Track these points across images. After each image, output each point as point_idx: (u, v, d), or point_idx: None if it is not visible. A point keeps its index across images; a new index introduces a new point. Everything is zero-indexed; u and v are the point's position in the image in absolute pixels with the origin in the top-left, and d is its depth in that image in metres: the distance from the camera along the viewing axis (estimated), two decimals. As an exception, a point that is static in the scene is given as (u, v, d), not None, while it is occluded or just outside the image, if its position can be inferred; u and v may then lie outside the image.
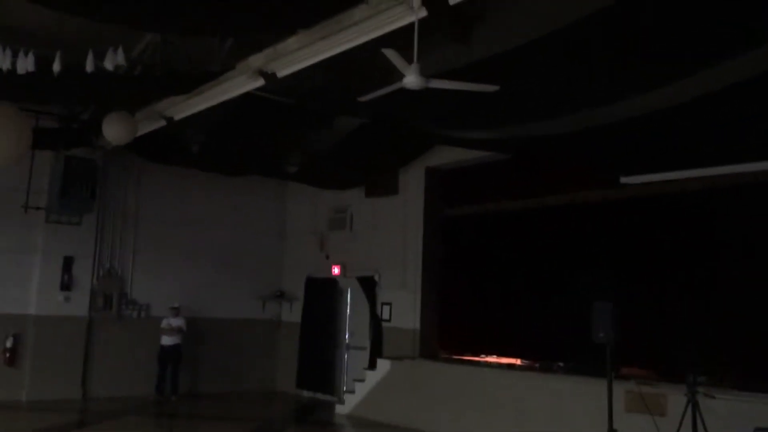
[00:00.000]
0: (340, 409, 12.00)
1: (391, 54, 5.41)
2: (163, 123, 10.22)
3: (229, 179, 13.87)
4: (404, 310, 12.18)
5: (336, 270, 13.79)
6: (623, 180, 9.25)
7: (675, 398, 7.25)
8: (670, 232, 9.23)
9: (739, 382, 7.33)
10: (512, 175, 11.11)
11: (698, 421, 5.97)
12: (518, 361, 10.90)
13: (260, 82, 8.05)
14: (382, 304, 12.71)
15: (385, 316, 12.60)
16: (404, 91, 6.48)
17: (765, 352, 7.67)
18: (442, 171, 12.34)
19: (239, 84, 8.41)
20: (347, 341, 13.73)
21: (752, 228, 8.35)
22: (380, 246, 12.91)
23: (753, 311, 8.03)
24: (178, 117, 9.98)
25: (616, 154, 8.69)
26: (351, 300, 13.84)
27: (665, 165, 8.75)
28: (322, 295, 14.05)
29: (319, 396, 13.66)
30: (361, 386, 11.84)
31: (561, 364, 9.83)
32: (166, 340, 12.82)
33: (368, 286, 12.99)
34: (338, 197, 13.93)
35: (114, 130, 9.78)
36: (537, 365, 10.41)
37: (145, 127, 10.55)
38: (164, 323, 12.86)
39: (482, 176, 11.73)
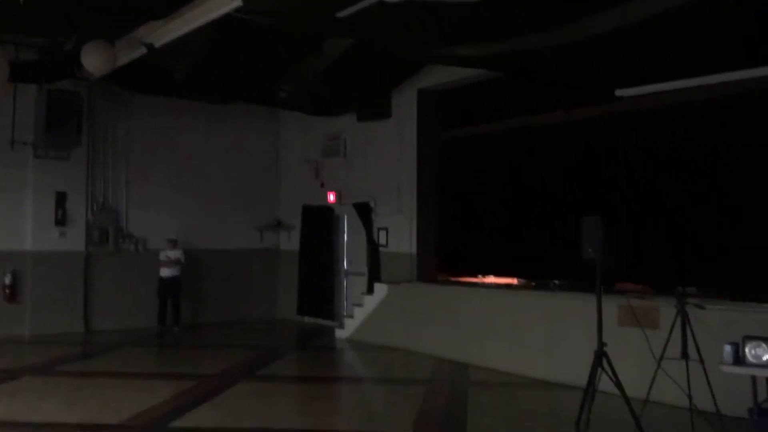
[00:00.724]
0: (340, 334, 12.15)
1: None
2: (143, 51, 9.91)
3: (220, 110, 13.65)
4: (401, 235, 12.15)
5: (331, 197, 13.71)
6: (618, 93, 8.99)
7: (667, 311, 7.24)
8: (664, 145, 9.05)
9: (729, 293, 7.30)
10: (506, 94, 10.85)
11: (687, 331, 5.94)
12: (515, 281, 10.93)
13: (238, 2, 7.75)
14: (379, 229, 12.67)
15: (382, 241, 12.58)
16: (386, 7, 6.24)
17: (754, 263, 7.61)
18: (435, 92, 12.06)
19: (218, 4, 8.11)
20: (345, 267, 13.79)
21: (745, 139, 8.14)
22: (375, 171, 12.78)
23: (743, 223, 7.95)
24: (158, 44, 9.67)
25: (610, 65, 8.40)
26: (348, 227, 13.82)
27: (661, 75, 8.50)
28: (319, 223, 14.02)
29: (320, 322, 13.82)
30: (359, 311, 11.94)
31: (557, 282, 9.82)
32: (165, 272, 12.87)
33: (364, 212, 12.92)
34: (331, 124, 13.70)
35: (93, 60, 9.54)
36: (533, 284, 10.42)
37: (126, 57, 10.27)
38: (162, 255, 12.89)
39: (475, 97, 11.48)
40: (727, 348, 5.50)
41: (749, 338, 5.42)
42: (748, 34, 7.06)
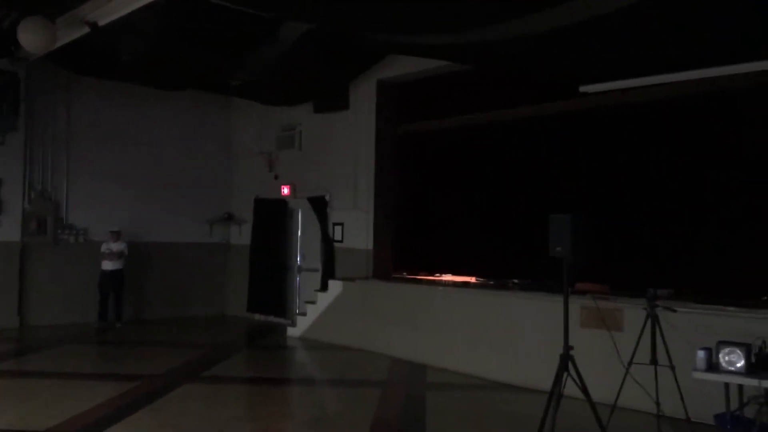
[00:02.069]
0: (292, 332, 11.70)
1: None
2: (86, 30, 9.29)
3: (170, 96, 13.05)
4: (357, 230, 11.76)
5: (286, 190, 13.23)
6: (582, 89, 8.77)
7: (631, 312, 7.06)
8: (630, 143, 8.87)
9: (699, 296, 7.11)
10: (469, 88, 10.55)
11: (657, 335, 5.71)
12: (473, 279, 10.65)
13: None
14: (334, 224, 12.25)
15: (337, 236, 12.16)
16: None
17: (725, 264, 7.47)
18: (396, 84, 11.68)
19: (166, -19, 7.59)
20: (299, 263, 13.33)
21: (715, 136, 8.01)
22: (331, 164, 12.35)
23: (716, 223, 7.81)
24: (102, 22, 9.07)
25: (574, 60, 8.17)
26: (302, 221, 13.36)
27: (626, 72, 8.31)
28: (272, 217, 13.52)
29: (272, 319, 13.34)
30: (312, 308, 11.51)
31: (516, 281, 9.58)
32: (107, 265, 12.22)
33: (319, 206, 12.49)
34: (286, 114, 13.22)
35: (30, 37, 8.90)
36: (492, 283, 10.15)
37: (68, 35, 9.63)
38: (104, 248, 12.23)
39: (437, 90, 11.12)
40: (701, 354, 5.26)
41: (723, 343, 5.18)
42: (717, 31, 6.89)
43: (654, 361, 5.70)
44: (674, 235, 8.18)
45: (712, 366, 5.24)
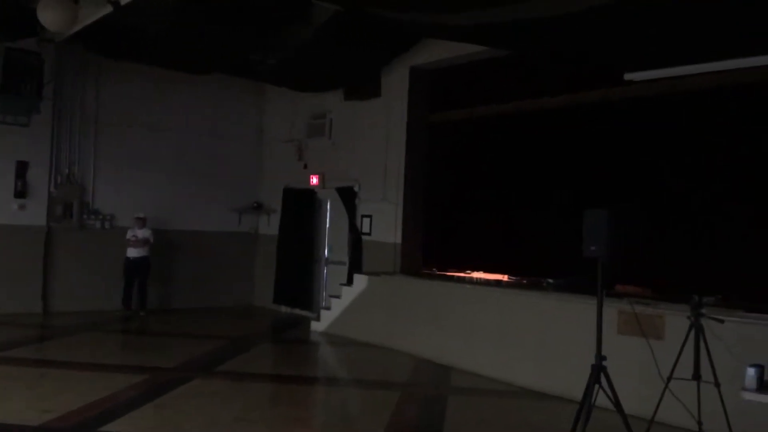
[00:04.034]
0: (316, 326, 11.31)
1: None
2: (109, 9, 9.00)
3: (200, 81, 12.72)
4: (385, 223, 11.29)
5: (314, 180, 12.85)
6: (627, 77, 8.12)
7: (674, 320, 6.44)
8: (676, 135, 8.18)
9: (750, 304, 6.43)
10: (505, 75, 9.97)
11: (701, 347, 5.12)
12: (505, 278, 10.10)
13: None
14: (362, 216, 11.81)
15: (365, 229, 11.72)
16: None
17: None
18: (429, 71, 11.15)
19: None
20: (326, 255, 12.94)
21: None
22: (361, 154, 11.91)
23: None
24: (125, 0, 8.77)
25: (619, 44, 7.55)
26: (330, 212, 12.97)
27: (675, 59, 7.65)
28: (301, 207, 13.15)
29: (297, 312, 12.99)
30: (337, 302, 11.10)
31: (550, 280, 8.99)
32: (132, 252, 12.01)
33: (348, 197, 12.06)
34: (317, 102, 12.82)
35: (50, 15, 8.69)
36: (525, 282, 9.59)
37: (91, 15, 9.38)
38: (129, 234, 12.03)
39: (472, 77, 10.57)
40: (751, 371, 4.64)
41: (778, 361, 4.57)
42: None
43: (697, 377, 5.11)
44: (724, 234, 7.50)
45: (764, 385, 4.63)
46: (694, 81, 7.76)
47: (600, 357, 5.18)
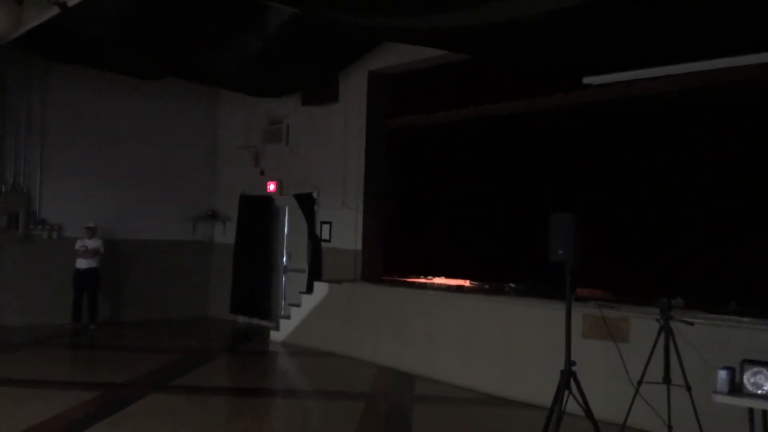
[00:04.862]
0: (275, 336, 11.04)
1: None
2: (55, 11, 8.64)
3: (152, 86, 12.31)
4: (345, 230, 11.11)
5: (272, 187, 12.58)
6: (586, 80, 8.14)
7: (639, 323, 6.43)
8: (636, 139, 8.22)
9: (711, 306, 6.45)
10: (465, 80, 9.94)
11: (671, 350, 5.09)
12: (467, 283, 10.02)
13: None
14: (322, 223, 11.61)
15: (325, 236, 11.52)
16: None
17: (739, 270, 6.83)
18: (387, 76, 11.04)
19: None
20: (284, 263, 12.68)
21: (727, 132, 7.37)
22: (319, 160, 11.71)
23: (726, 225, 7.16)
24: (72, 2, 8.42)
25: (578, 47, 7.54)
26: (288, 219, 12.71)
27: (634, 62, 7.69)
28: (258, 215, 12.88)
29: (255, 322, 12.69)
30: (297, 311, 10.87)
31: (513, 285, 8.94)
32: (82, 263, 11.56)
33: (306, 203, 11.84)
34: (274, 107, 12.57)
35: (-8, 16, 8.24)
36: (487, 287, 9.53)
37: (37, 17, 9.00)
38: (79, 244, 11.57)
39: (431, 82, 10.49)
40: (722, 374, 4.60)
41: (749, 363, 4.54)
42: (737, 16, 6.28)
43: (667, 380, 5.07)
44: (682, 238, 7.55)
45: (735, 388, 4.60)
46: (652, 84, 7.81)
47: (569, 362, 5.10)
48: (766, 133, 7.07)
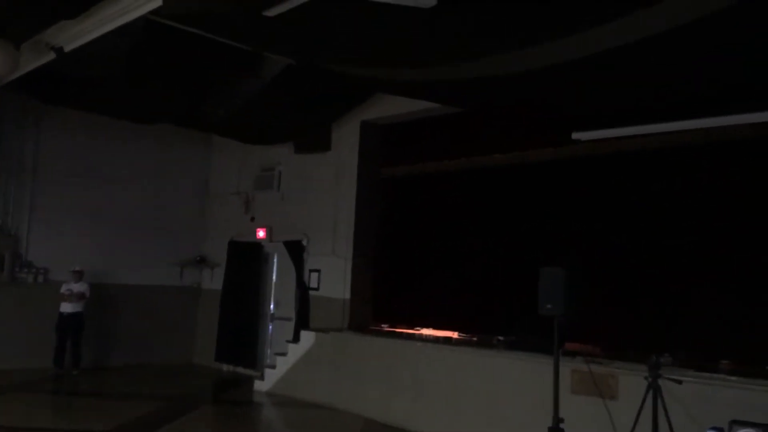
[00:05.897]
0: (259, 386, 10.86)
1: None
2: (52, 56, 8.73)
3: (146, 130, 12.35)
4: (334, 278, 11.06)
5: (261, 233, 12.56)
6: (575, 136, 8.26)
7: (627, 379, 6.38)
8: (625, 194, 8.31)
9: (699, 363, 6.43)
10: (456, 132, 10.08)
11: (659, 408, 5.04)
12: (455, 335, 9.95)
13: (157, 1, 6.73)
14: (310, 271, 11.56)
15: (313, 284, 11.47)
16: (322, 5, 5.31)
17: (729, 328, 6.83)
18: (380, 126, 11.17)
19: (134, 4, 7.06)
20: (272, 311, 12.58)
21: (716, 189, 7.47)
22: (310, 207, 11.74)
23: (715, 281, 7.19)
24: (69, 47, 8.52)
25: (568, 103, 7.69)
26: (277, 266, 12.66)
27: (622, 119, 7.82)
28: (246, 261, 12.82)
29: (240, 371, 12.51)
30: (283, 360, 10.72)
31: (501, 338, 8.88)
32: (66, 308, 11.41)
33: (295, 251, 11.82)
34: (266, 154, 12.65)
35: (-11, 60, 8.30)
36: (475, 339, 9.46)
37: (34, 61, 9.07)
38: (64, 288, 11.44)
39: (423, 133, 10.64)
40: (711, 434, 4.58)
41: (738, 423, 4.51)
42: (722, 78, 6.43)
43: (656, 439, 5.03)
44: (671, 294, 7.57)
45: (724, 448, 4.56)
46: (641, 141, 7.94)
47: (557, 419, 5.04)
48: (755, 190, 7.17)
